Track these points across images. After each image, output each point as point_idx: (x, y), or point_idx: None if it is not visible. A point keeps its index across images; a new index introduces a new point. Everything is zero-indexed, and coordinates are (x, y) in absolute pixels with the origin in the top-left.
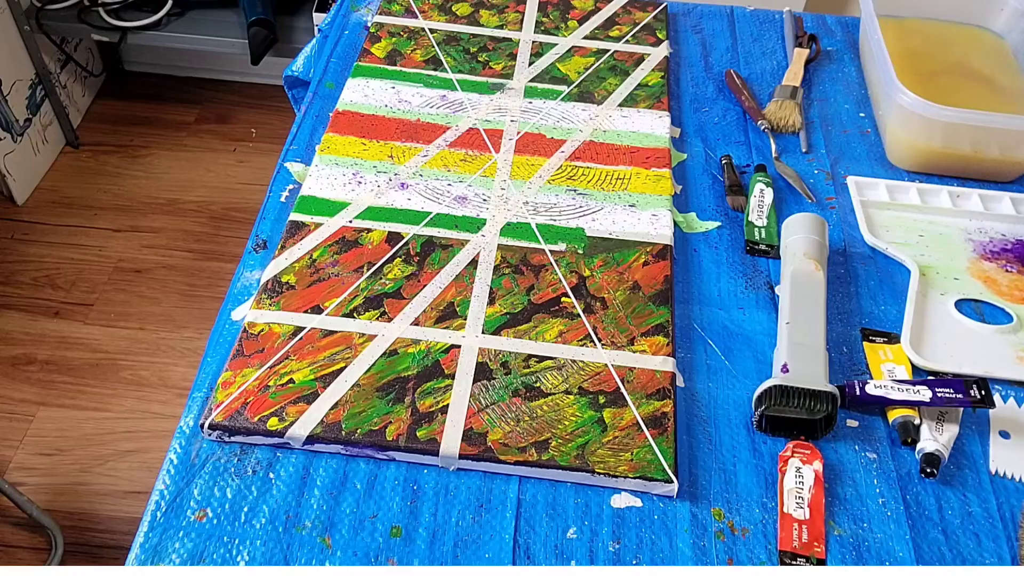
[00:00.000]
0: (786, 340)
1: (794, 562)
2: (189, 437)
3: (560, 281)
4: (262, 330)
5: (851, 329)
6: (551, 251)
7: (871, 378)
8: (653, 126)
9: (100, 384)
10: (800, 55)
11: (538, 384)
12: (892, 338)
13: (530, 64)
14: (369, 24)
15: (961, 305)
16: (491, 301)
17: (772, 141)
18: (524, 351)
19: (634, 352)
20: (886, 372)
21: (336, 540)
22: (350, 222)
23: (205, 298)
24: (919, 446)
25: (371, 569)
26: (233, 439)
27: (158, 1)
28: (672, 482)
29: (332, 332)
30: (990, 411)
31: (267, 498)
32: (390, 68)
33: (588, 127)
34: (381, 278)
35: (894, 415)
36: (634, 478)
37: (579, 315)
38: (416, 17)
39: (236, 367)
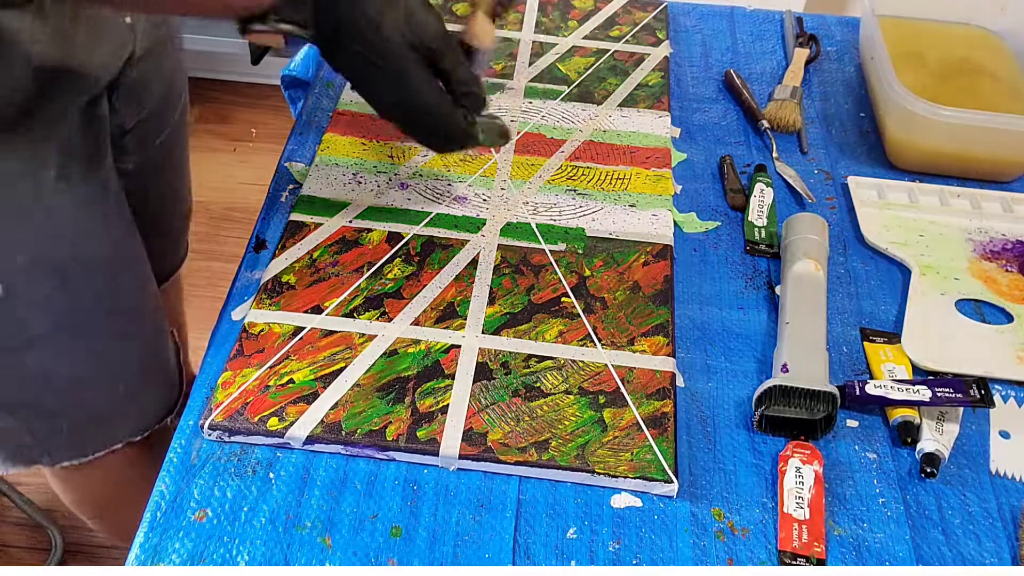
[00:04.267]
0: (786, 340)
1: (794, 562)
2: (189, 437)
3: (560, 281)
4: (262, 330)
5: (851, 329)
6: (551, 251)
7: (871, 378)
8: (653, 126)
9: None
10: (800, 55)
11: (538, 384)
12: (892, 338)
13: (530, 64)
14: None
15: (961, 305)
16: (491, 301)
17: (772, 141)
18: (524, 351)
19: (634, 352)
20: (886, 372)
21: (336, 540)
22: (350, 222)
23: (205, 298)
24: (919, 446)
25: (371, 569)
26: (233, 439)
27: None
28: (672, 482)
29: (332, 332)
30: (990, 411)
31: (267, 498)
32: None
33: (588, 127)
34: (381, 278)
35: (894, 415)
36: (634, 478)
37: (579, 315)
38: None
39: (236, 367)
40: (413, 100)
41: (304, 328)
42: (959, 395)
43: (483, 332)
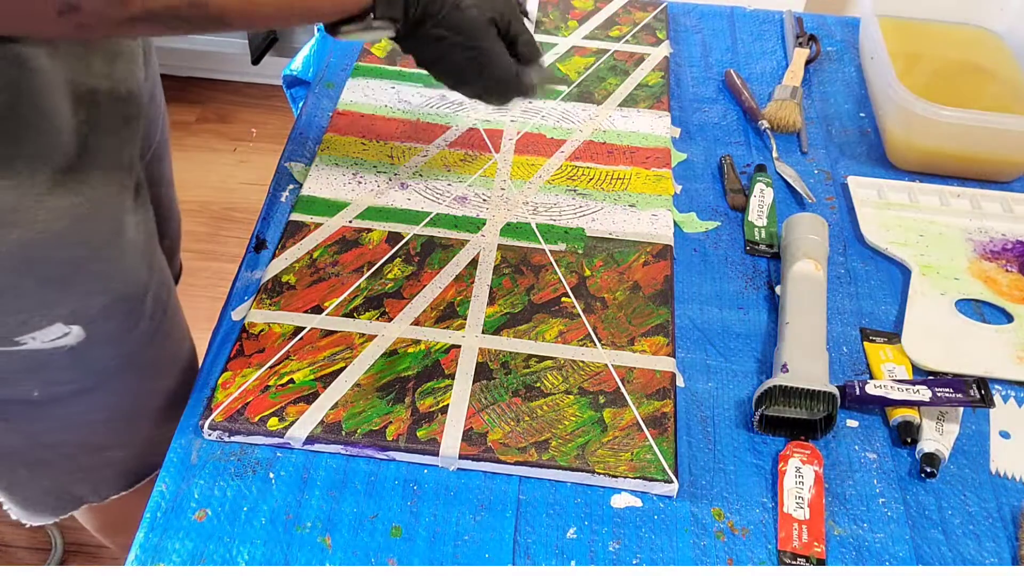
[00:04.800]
0: (786, 340)
1: (794, 562)
2: (189, 437)
3: (560, 281)
4: (262, 330)
5: (851, 329)
6: (551, 251)
7: (871, 378)
8: (653, 126)
9: None
10: (800, 55)
11: (538, 384)
12: (892, 338)
13: None
14: None
15: (961, 305)
16: (491, 301)
17: (772, 141)
18: (524, 351)
19: (634, 352)
20: (886, 372)
21: (336, 540)
22: (350, 222)
23: (205, 298)
24: (919, 446)
25: (371, 569)
26: (233, 439)
27: None
28: (672, 482)
29: (332, 332)
30: (990, 411)
31: (267, 498)
32: (390, 68)
33: (588, 127)
34: (381, 278)
35: (894, 415)
36: (634, 478)
37: (579, 315)
38: None
39: (236, 367)
40: (495, 73)
41: (304, 328)
42: (959, 395)
43: (483, 332)
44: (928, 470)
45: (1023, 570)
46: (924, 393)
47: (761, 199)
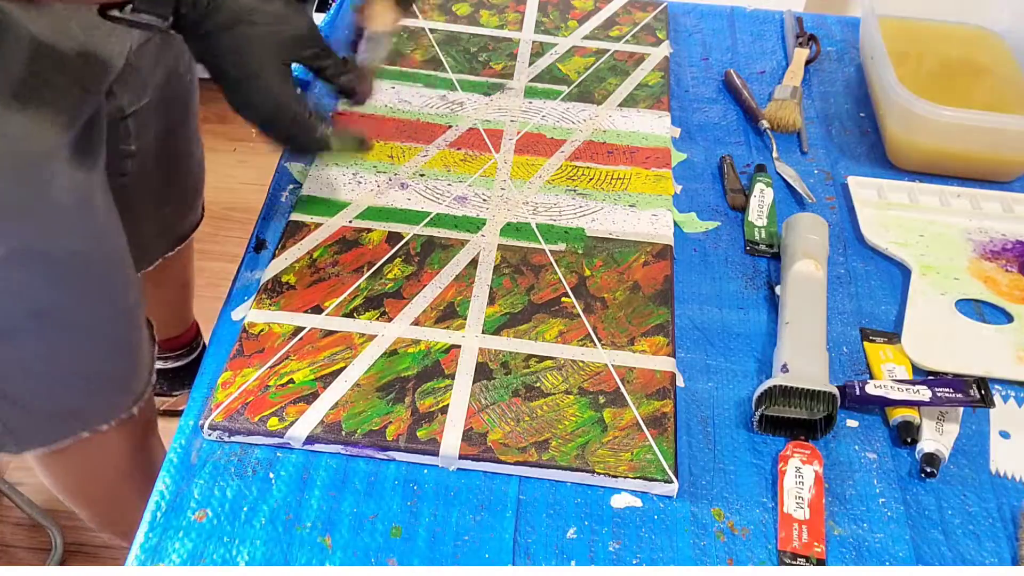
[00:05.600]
0: (786, 340)
1: (794, 562)
2: (189, 437)
3: (560, 281)
4: (262, 330)
5: (851, 329)
6: (551, 251)
7: (871, 378)
8: (653, 126)
9: None
10: (800, 55)
11: (538, 384)
12: (892, 338)
13: (530, 64)
14: None
15: (961, 305)
16: (491, 301)
17: (772, 141)
18: (524, 351)
19: (634, 352)
20: (886, 372)
21: (336, 540)
22: (350, 222)
23: (205, 298)
24: (919, 446)
25: (371, 569)
26: (233, 439)
27: None
28: (672, 482)
29: (332, 332)
30: (990, 411)
31: (267, 498)
32: (390, 68)
33: (588, 127)
34: (381, 278)
35: (894, 415)
36: (634, 478)
37: (579, 315)
38: (416, 17)
39: (236, 367)
40: (266, 100)
41: (304, 328)
42: (959, 395)
43: (483, 332)
44: (928, 470)
45: (1023, 570)
46: (924, 393)
47: (761, 199)
